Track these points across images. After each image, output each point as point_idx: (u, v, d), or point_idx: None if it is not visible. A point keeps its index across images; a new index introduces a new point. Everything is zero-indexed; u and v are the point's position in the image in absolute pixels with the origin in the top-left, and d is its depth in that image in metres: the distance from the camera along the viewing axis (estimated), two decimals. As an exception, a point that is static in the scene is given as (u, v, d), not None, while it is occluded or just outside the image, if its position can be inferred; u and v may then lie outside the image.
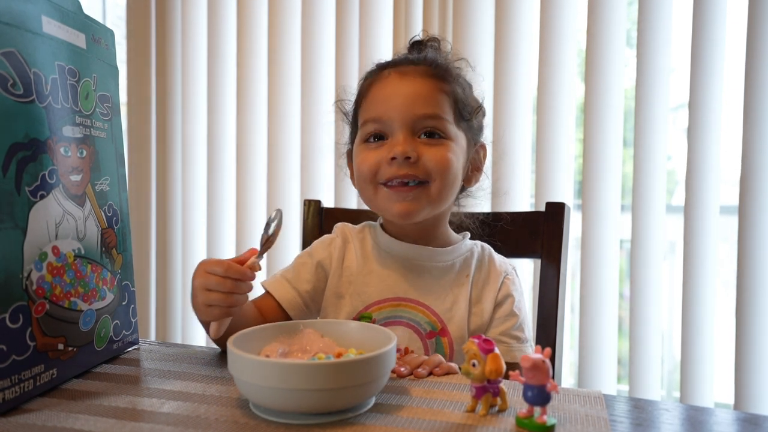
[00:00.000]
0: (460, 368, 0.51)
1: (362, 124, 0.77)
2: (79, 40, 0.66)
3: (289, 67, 1.64)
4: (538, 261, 0.97)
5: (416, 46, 0.83)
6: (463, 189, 0.82)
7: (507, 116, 1.40)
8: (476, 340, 0.51)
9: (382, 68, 0.79)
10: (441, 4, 1.45)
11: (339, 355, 0.57)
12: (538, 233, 0.95)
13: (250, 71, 1.69)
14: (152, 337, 1.82)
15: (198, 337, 1.80)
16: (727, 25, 1.24)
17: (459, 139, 0.76)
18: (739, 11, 1.24)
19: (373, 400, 0.55)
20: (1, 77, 0.54)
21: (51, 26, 0.61)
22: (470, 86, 0.82)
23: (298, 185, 1.64)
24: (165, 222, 1.80)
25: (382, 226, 0.83)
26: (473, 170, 0.81)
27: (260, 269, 0.65)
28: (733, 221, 1.23)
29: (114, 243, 0.70)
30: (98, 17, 2.09)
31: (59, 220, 0.61)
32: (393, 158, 0.72)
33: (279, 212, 0.66)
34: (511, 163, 1.40)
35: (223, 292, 0.63)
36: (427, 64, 0.77)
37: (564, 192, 1.38)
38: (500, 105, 1.40)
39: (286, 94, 1.65)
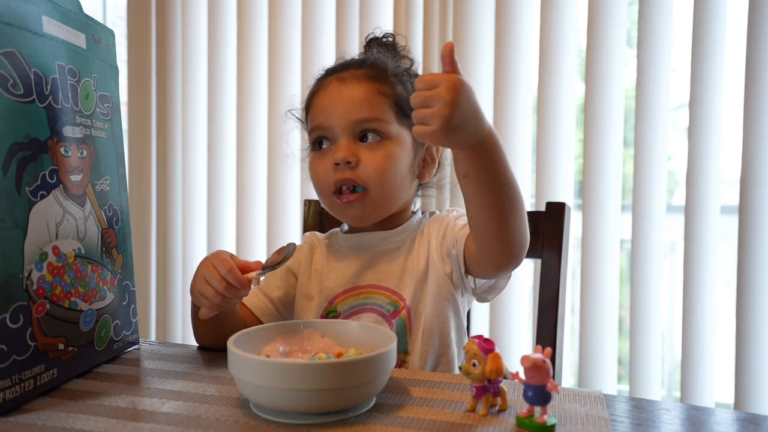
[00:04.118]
0: (460, 368, 0.52)
1: (309, 132, 0.81)
2: (80, 40, 0.66)
3: (290, 66, 1.64)
4: (539, 261, 0.97)
5: (372, 43, 0.86)
6: (421, 183, 0.85)
7: (507, 116, 1.40)
8: (476, 340, 0.51)
9: (323, 77, 0.82)
10: (441, 4, 1.45)
11: (339, 355, 0.57)
12: (538, 233, 0.95)
13: (251, 70, 1.69)
14: (152, 337, 1.82)
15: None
16: (728, 25, 1.24)
17: (402, 137, 0.78)
18: (740, 11, 1.24)
19: (373, 400, 0.55)
20: (1, 77, 0.54)
21: (51, 26, 0.61)
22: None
23: (298, 185, 1.64)
24: (165, 222, 1.80)
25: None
26: (425, 165, 0.82)
27: (258, 284, 0.67)
28: (734, 221, 1.23)
29: (114, 243, 0.70)
30: (98, 17, 2.09)
31: (59, 220, 0.61)
32: (336, 164, 0.75)
33: (293, 246, 0.68)
34: (510, 162, 1.39)
35: (217, 290, 0.66)
36: (366, 67, 0.79)
37: (564, 192, 1.37)
38: (500, 104, 1.40)
39: (286, 93, 1.65)
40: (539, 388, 0.48)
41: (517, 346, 1.41)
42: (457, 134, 0.59)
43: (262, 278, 0.67)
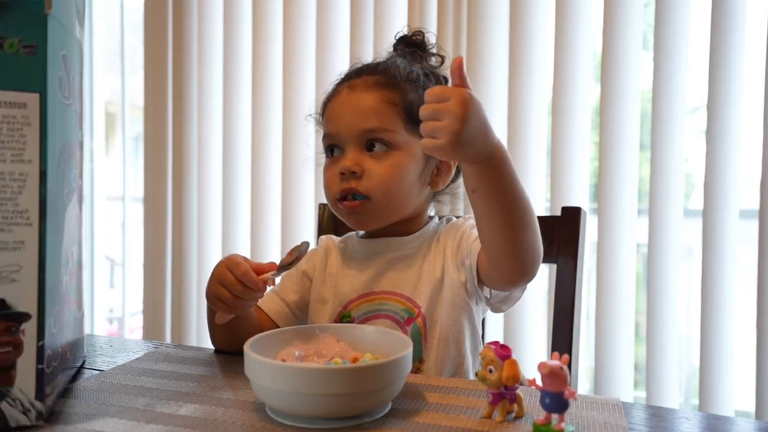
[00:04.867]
0: (476, 374, 0.51)
1: (322, 138, 0.82)
2: (80, 34, 0.65)
3: (303, 70, 1.65)
4: (554, 266, 0.96)
5: (399, 42, 0.85)
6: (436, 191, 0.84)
7: (521, 119, 1.39)
8: (493, 346, 0.51)
9: (338, 83, 0.83)
10: (455, 6, 1.45)
11: (355, 360, 0.57)
12: (553, 238, 0.94)
13: (265, 74, 1.70)
14: (167, 339, 1.84)
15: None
16: (747, 25, 1.22)
17: (411, 146, 0.77)
18: (758, 11, 1.22)
19: (389, 406, 0.55)
20: (60, 79, 0.54)
21: (78, 28, 0.62)
22: (437, 85, 0.82)
23: (312, 188, 1.65)
24: (180, 226, 1.82)
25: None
26: (439, 173, 0.82)
27: (274, 285, 0.68)
28: (753, 225, 1.21)
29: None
30: (115, 21, 2.12)
31: (75, 223, 0.61)
32: (341, 173, 0.76)
33: (307, 245, 0.69)
34: (525, 166, 1.39)
35: (232, 293, 0.66)
36: (378, 74, 0.79)
37: (579, 196, 1.36)
38: (514, 107, 1.40)
39: (300, 97, 1.66)
40: (556, 395, 0.47)
41: (532, 352, 1.40)
42: (466, 149, 0.59)
43: (277, 279, 0.68)
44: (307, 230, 1.65)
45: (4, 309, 0.49)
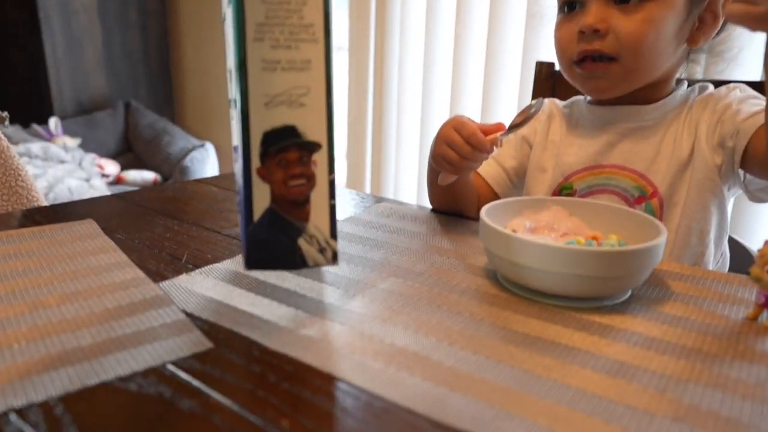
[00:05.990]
0: (749, 272, 0.45)
1: None
2: None
3: None
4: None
5: None
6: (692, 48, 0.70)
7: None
8: (775, 245, 0.43)
9: None
10: None
11: (595, 239, 0.54)
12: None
13: None
14: (367, 190, 1.97)
15: (408, 195, 1.90)
16: None
17: None
18: None
19: (629, 291, 0.51)
20: None
21: None
22: None
23: (520, 45, 1.52)
24: (381, 78, 1.84)
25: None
26: (701, 26, 0.67)
27: (501, 146, 0.65)
28: None
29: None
30: None
31: None
32: (581, 32, 0.66)
33: (540, 103, 0.64)
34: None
35: (459, 154, 0.65)
36: None
37: None
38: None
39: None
40: None
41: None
42: None
43: (504, 139, 0.65)
44: (511, 88, 1.56)
45: (295, 137, 0.45)
